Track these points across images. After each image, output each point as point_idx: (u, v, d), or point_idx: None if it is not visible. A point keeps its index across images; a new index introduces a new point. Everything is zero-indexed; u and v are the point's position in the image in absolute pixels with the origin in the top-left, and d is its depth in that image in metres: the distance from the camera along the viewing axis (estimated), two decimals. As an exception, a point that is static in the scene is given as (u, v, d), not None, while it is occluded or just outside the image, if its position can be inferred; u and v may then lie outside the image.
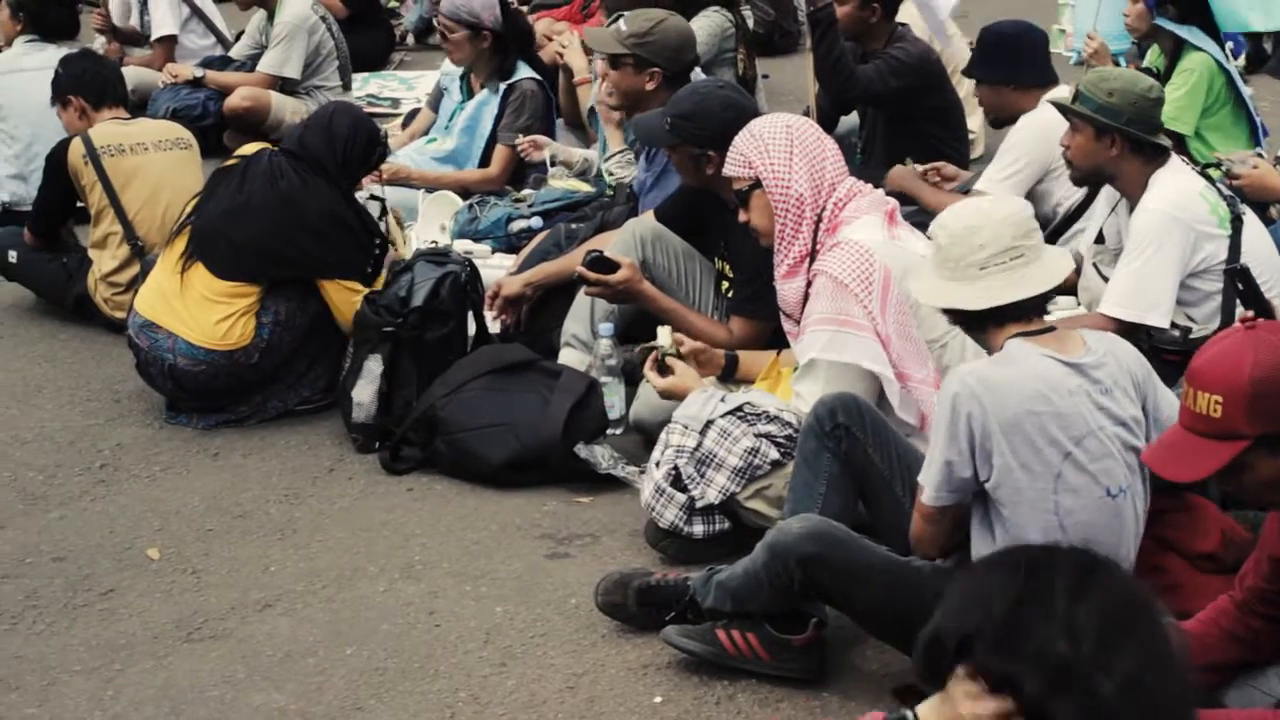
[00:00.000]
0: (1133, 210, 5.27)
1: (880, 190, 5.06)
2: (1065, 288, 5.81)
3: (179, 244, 5.96)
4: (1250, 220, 5.28)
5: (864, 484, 4.45)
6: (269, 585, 4.88)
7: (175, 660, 4.49)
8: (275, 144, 6.33)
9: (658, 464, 4.89)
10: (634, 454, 5.49)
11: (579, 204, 7.05)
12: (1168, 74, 7.38)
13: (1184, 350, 5.06)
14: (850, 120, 7.97)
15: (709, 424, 4.81)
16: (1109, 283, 5.28)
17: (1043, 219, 6.36)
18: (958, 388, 3.85)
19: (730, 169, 5.00)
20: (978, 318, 4.02)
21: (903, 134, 7.27)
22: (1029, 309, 3.97)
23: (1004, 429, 3.82)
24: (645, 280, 5.65)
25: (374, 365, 5.70)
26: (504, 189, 7.60)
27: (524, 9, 11.12)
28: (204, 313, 5.89)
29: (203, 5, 10.27)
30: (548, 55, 8.82)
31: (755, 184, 4.92)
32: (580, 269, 5.61)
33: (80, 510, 5.37)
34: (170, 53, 10.01)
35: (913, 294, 4.35)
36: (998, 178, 6.40)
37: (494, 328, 6.13)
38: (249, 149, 6.17)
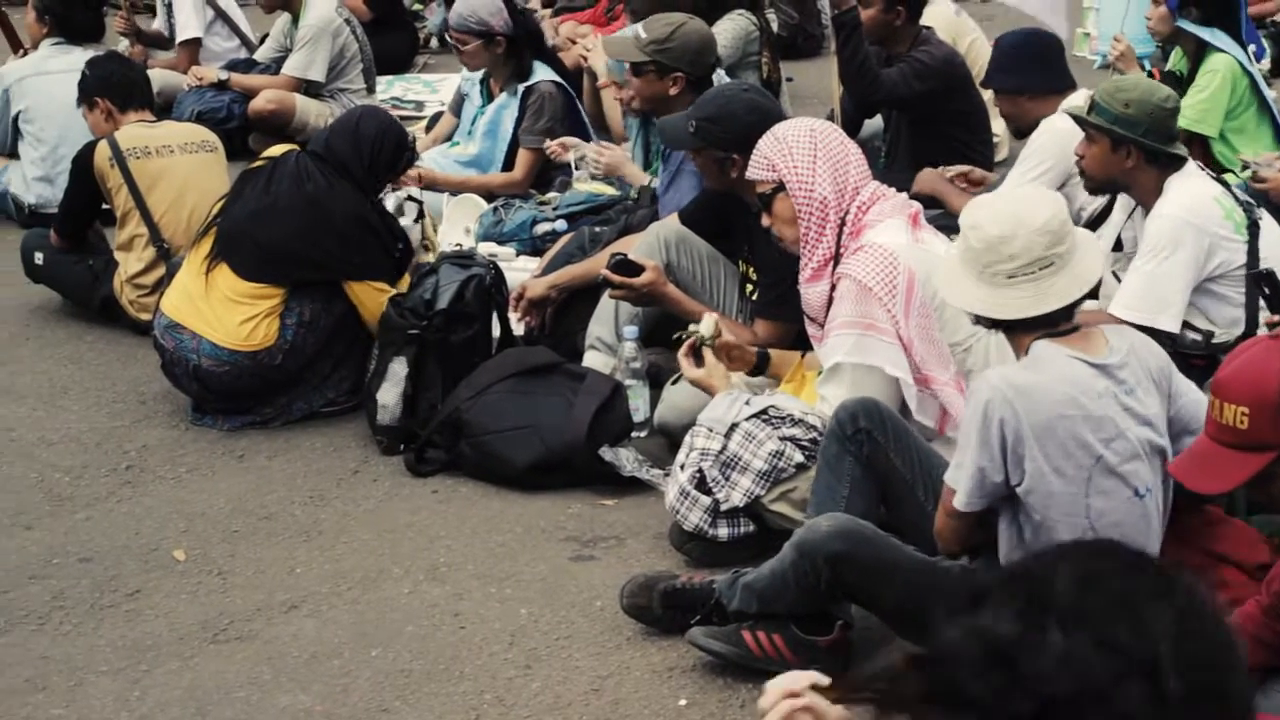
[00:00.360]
0: (1148, 216, 5.27)
1: (904, 194, 5.05)
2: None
3: (204, 245, 5.98)
4: (1268, 226, 5.27)
5: (886, 487, 4.45)
6: (294, 587, 4.89)
7: (201, 661, 4.51)
8: (302, 146, 6.34)
9: (682, 467, 4.90)
10: (658, 457, 5.49)
11: (603, 207, 7.06)
12: (1191, 76, 7.37)
13: (1208, 355, 5.07)
14: (875, 123, 7.97)
15: (734, 427, 4.82)
16: (1119, 284, 5.28)
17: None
18: (989, 394, 3.84)
19: (754, 172, 4.99)
20: (1003, 322, 4.02)
21: (927, 137, 7.26)
22: (1056, 316, 3.95)
23: (1036, 434, 3.82)
24: (669, 283, 5.66)
25: (399, 368, 5.72)
26: (528, 192, 7.61)
27: (539, 10, 11.16)
28: (228, 314, 5.90)
29: (227, 8, 10.28)
30: (571, 59, 8.82)
31: (779, 187, 4.92)
32: (605, 272, 5.61)
33: (106, 511, 5.39)
34: (195, 56, 10.02)
35: (939, 290, 4.34)
36: (1020, 183, 6.39)
37: (518, 330, 6.14)
38: (275, 151, 6.19)
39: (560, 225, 7.04)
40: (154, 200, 6.74)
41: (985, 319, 4.06)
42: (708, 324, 5.19)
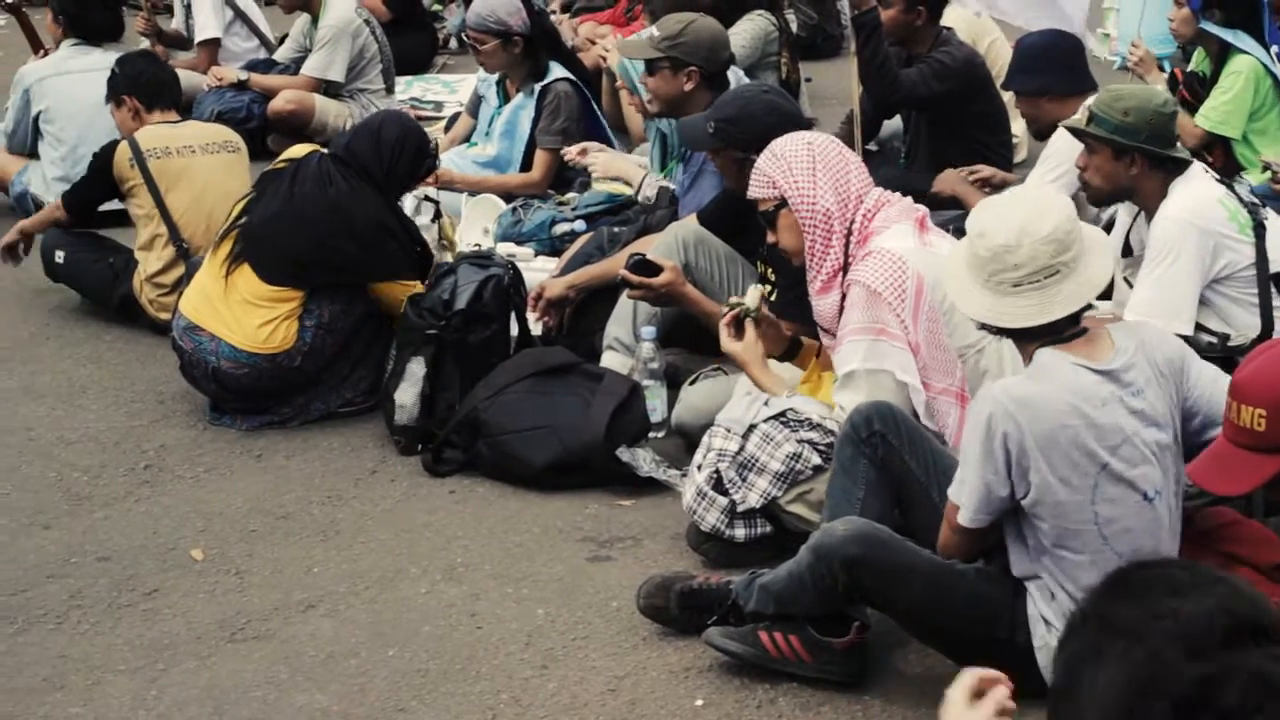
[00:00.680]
0: (1151, 220, 5.26)
1: (909, 199, 5.04)
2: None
3: (225, 247, 5.98)
4: (1274, 227, 5.25)
5: (901, 490, 4.44)
6: (312, 586, 4.90)
7: (219, 660, 4.51)
8: (322, 146, 6.34)
9: (699, 467, 4.89)
10: (676, 457, 5.49)
11: (622, 207, 7.07)
12: (1214, 78, 7.35)
13: (1224, 357, 5.05)
14: (894, 124, 7.96)
15: (751, 428, 4.81)
16: (1132, 292, 5.27)
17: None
18: (992, 408, 3.83)
19: (755, 191, 4.95)
20: (1008, 329, 4.01)
21: (946, 138, 7.26)
22: (1061, 324, 3.93)
23: (1040, 446, 3.80)
24: (688, 283, 5.65)
25: (417, 368, 5.72)
26: (547, 192, 7.61)
27: (557, 13, 11.15)
28: (247, 316, 5.91)
29: (246, 8, 10.30)
30: (590, 59, 8.83)
31: (781, 203, 4.90)
32: (623, 272, 5.61)
33: (125, 511, 5.40)
34: (214, 56, 10.04)
35: (948, 294, 4.32)
36: (1041, 184, 6.38)
37: (536, 330, 6.14)
38: (297, 151, 6.19)
39: (579, 225, 7.04)
40: (173, 200, 6.75)
41: (991, 326, 4.05)
42: (753, 295, 5.14)
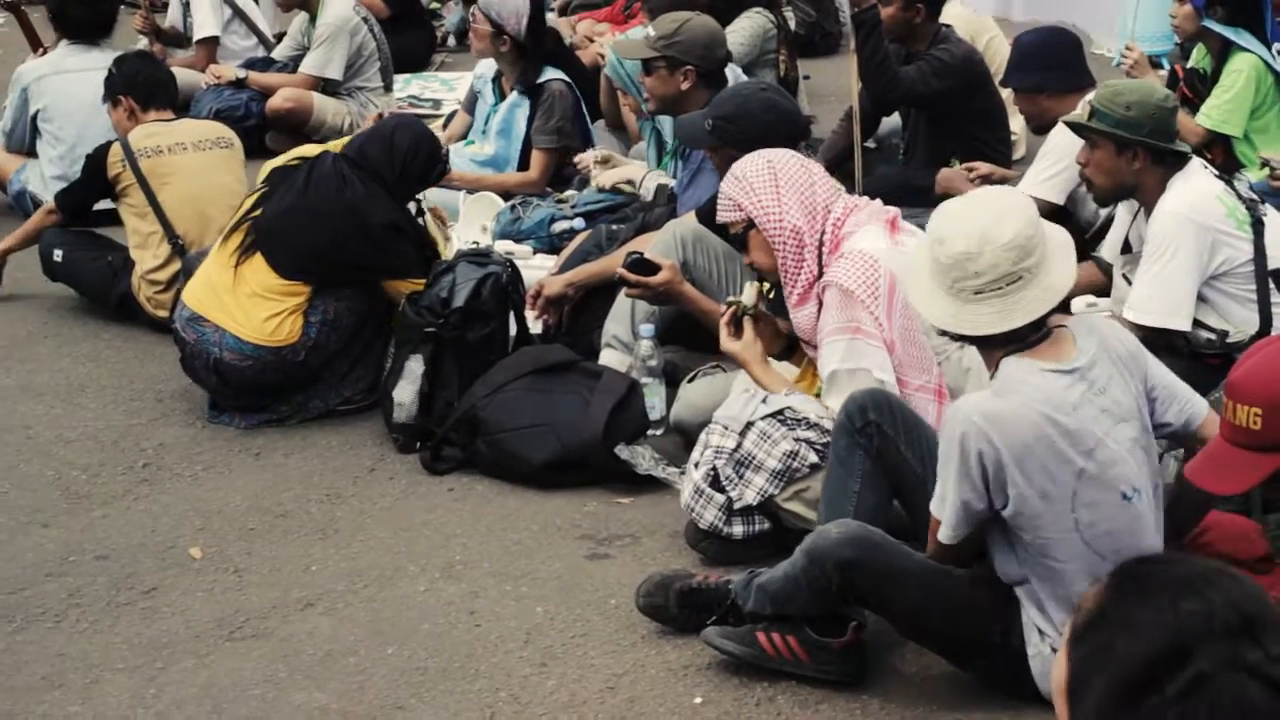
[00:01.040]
0: (1150, 215, 5.26)
1: (878, 201, 5.05)
2: (1098, 290, 5.81)
3: (235, 239, 5.98)
4: (1273, 223, 5.25)
5: (898, 480, 4.43)
6: (310, 584, 4.90)
7: (217, 659, 4.51)
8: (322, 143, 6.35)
9: (697, 465, 4.89)
10: (674, 455, 5.48)
11: (621, 205, 7.06)
12: (1215, 75, 7.35)
13: (1223, 354, 5.06)
14: (893, 121, 7.97)
15: (749, 425, 4.81)
16: (1131, 289, 5.27)
17: (1084, 224, 6.35)
18: (964, 426, 3.81)
19: (723, 215, 4.99)
20: (969, 336, 4.00)
21: (945, 135, 7.26)
22: (1024, 330, 3.90)
23: (1016, 458, 3.79)
24: (686, 282, 5.65)
25: (415, 366, 5.72)
26: (545, 190, 7.60)
27: (555, 11, 11.14)
28: (254, 308, 5.91)
29: (244, 6, 10.30)
30: (589, 57, 8.82)
31: (749, 225, 4.92)
32: (621, 270, 5.61)
33: (123, 509, 5.40)
34: (212, 54, 10.04)
35: (909, 298, 4.29)
36: (1039, 180, 6.38)
37: (535, 328, 6.14)
38: (309, 150, 6.21)
39: (578, 223, 7.04)
40: (166, 197, 6.76)
41: (953, 334, 4.04)
42: (749, 293, 5.14)
